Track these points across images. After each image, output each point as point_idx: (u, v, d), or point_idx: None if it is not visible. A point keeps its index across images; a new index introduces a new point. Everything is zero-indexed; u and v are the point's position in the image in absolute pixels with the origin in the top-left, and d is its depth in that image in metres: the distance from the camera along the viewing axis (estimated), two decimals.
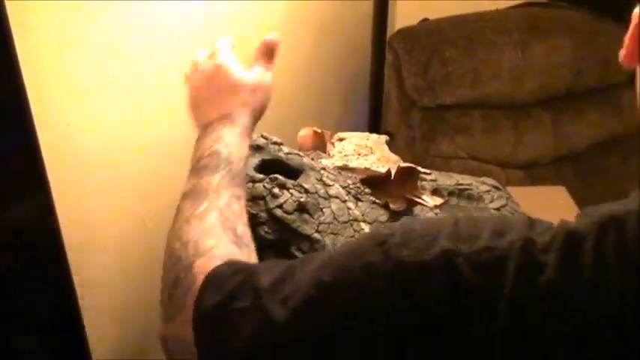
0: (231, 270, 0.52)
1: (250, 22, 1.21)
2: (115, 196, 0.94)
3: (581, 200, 1.78)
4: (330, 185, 0.83)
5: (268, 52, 0.78)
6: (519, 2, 1.88)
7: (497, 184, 0.94)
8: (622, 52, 0.50)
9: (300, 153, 0.88)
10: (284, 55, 1.39)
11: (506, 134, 1.78)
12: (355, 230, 0.79)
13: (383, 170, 0.85)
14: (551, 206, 1.74)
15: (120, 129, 0.93)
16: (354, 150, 0.94)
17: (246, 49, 1.19)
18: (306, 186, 0.81)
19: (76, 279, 0.88)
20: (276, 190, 0.79)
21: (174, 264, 0.57)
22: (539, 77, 1.77)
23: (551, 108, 1.84)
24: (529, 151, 1.80)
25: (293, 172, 0.84)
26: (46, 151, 0.76)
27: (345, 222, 0.79)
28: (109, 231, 0.93)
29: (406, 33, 1.74)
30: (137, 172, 0.98)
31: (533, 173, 1.82)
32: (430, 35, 1.72)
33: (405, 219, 0.79)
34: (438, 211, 0.84)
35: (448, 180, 0.91)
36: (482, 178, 0.94)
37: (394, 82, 1.77)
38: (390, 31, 1.77)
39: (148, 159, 1.00)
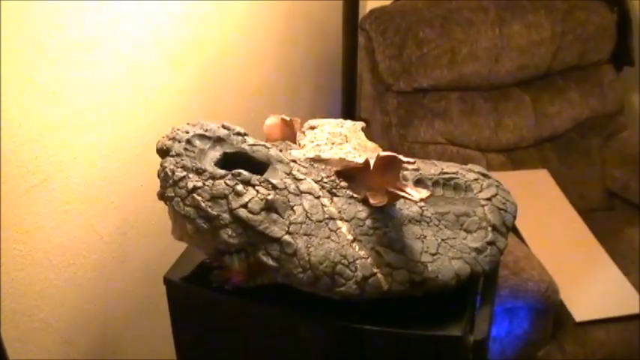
0: None
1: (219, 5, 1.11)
2: (59, 200, 0.83)
3: (564, 183, 1.73)
4: (301, 179, 0.73)
5: None
6: None
7: (484, 171, 0.85)
8: None
9: (267, 144, 0.79)
10: (252, 39, 1.30)
11: (485, 117, 1.71)
12: (331, 230, 0.70)
13: (360, 160, 0.76)
14: (535, 190, 1.68)
15: (67, 125, 0.82)
16: (327, 139, 0.85)
17: (214, 32, 1.08)
18: (273, 181, 0.71)
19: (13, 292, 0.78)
20: (239, 188, 0.70)
21: None
22: (517, 56, 1.71)
23: (531, 88, 1.78)
24: (510, 134, 1.73)
25: (259, 166, 0.75)
26: None
27: (320, 221, 0.70)
28: (54, 240, 0.83)
29: (379, 14, 1.65)
30: (84, 174, 0.87)
31: (515, 157, 1.75)
32: (404, 15, 1.63)
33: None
34: (423, 204, 0.75)
35: (432, 168, 0.82)
36: (468, 166, 0.86)
37: (367, 66, 1.69)
38: (361, 13, 1.67)
39: (98, 159, 0.89)
